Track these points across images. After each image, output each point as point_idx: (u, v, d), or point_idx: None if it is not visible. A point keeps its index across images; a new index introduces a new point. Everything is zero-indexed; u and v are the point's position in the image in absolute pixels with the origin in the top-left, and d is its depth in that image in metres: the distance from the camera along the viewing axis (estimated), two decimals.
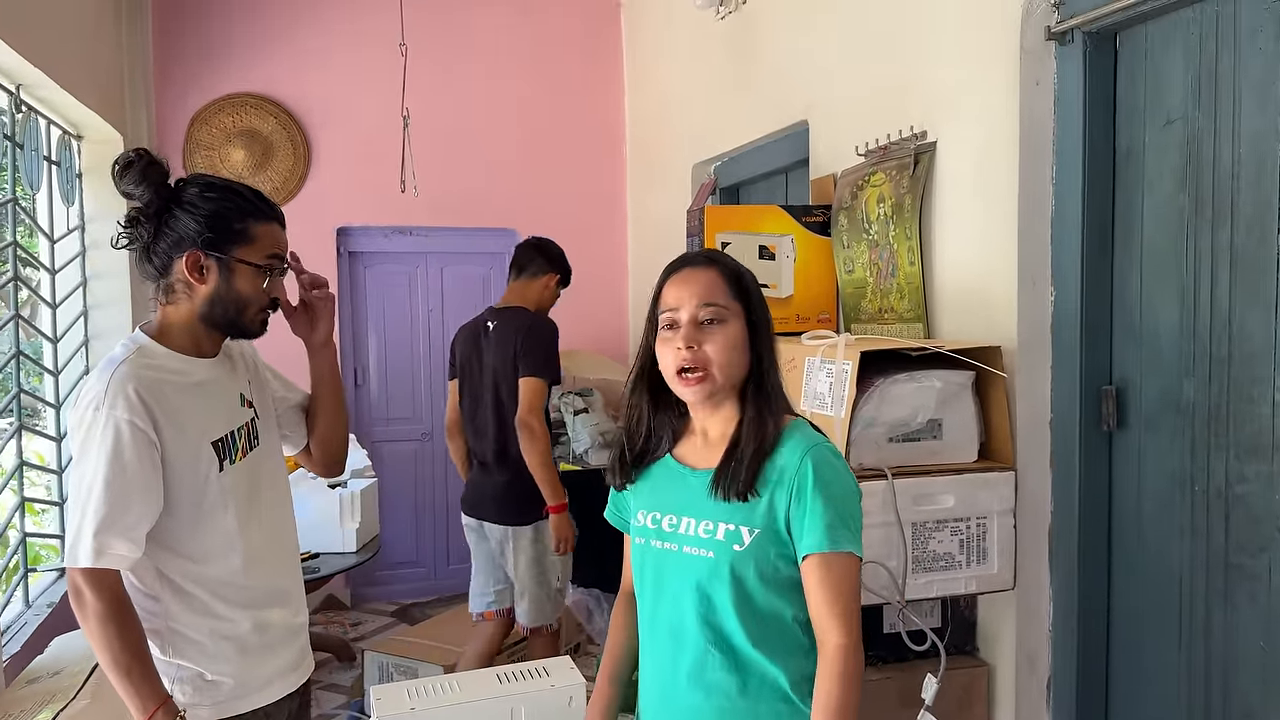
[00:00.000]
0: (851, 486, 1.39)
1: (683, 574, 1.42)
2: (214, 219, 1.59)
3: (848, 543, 1.34)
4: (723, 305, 1.40)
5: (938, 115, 2.50)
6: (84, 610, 1.51)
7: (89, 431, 1.51)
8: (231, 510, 1.64)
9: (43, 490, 3.67)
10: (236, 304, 1.63)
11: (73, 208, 3.90)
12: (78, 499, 1.51)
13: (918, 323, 2.54)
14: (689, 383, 1.38)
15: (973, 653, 2.41)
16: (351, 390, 4.94)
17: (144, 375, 1.55)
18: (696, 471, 1.45)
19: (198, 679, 1.60)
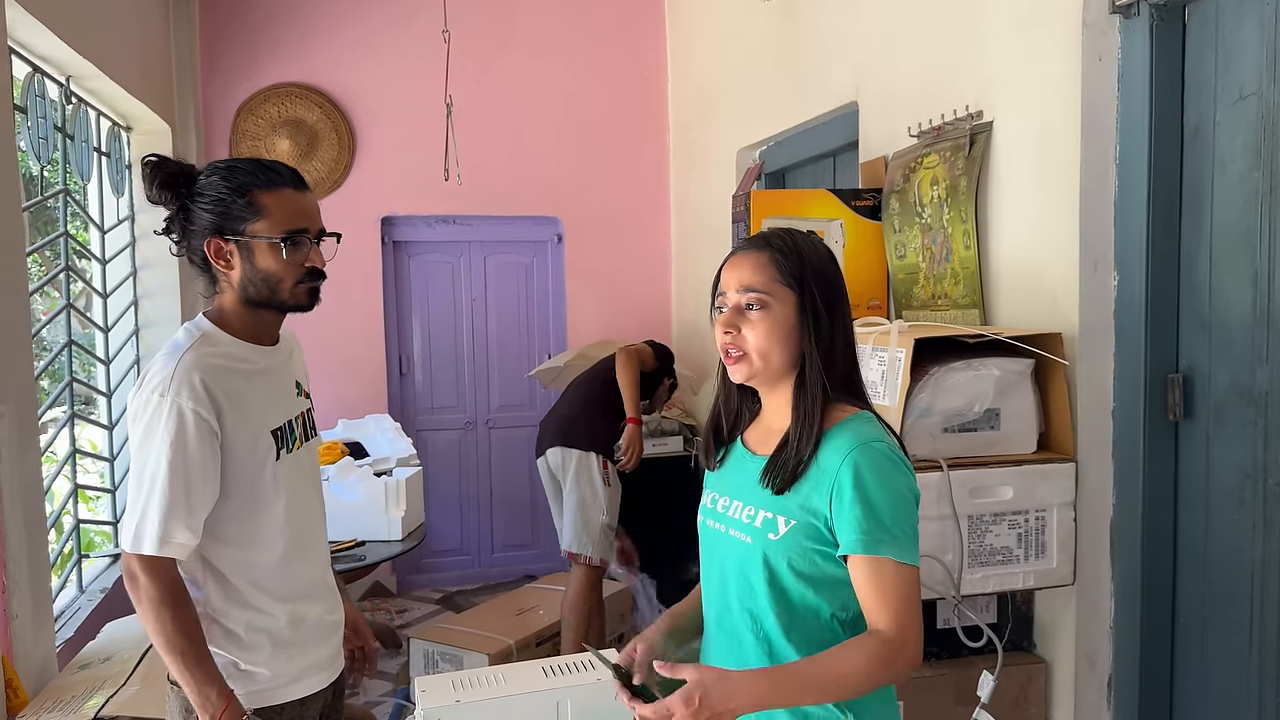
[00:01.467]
0: (898, 489, 1.31)
1: (726, 556, 1.42)
2: (218, 202, 1.57)
3: (887, 548, 1.27)
4: (764, 291, 1.35)
5: (994, 94, 2.42)
6: (139, 595, 1.51)
7: (153, 417, 1.50)
8: (282, 500, 1.64)
9: (96, 478, 3.73)
10: (267, 281, 1.59)
11: (123, 198, 3.95)
12: (140, 484, 1.51)
13: (973, 309, 2.47)
14: (730, 360, 1.38)
15: (1029, 649, 2.34)
16: (396, 379, 4.96)
17: (209, 363, 1.55)
18: (755, 457, 1.43)
19: (232, 668, 1.59)
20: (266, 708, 1.61)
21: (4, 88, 2.35)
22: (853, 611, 1.35)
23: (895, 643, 1.27)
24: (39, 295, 3.36)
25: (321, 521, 1.80)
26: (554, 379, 4.69)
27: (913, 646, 1.28)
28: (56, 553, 3.19)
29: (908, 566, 1.29)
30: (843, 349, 1.40)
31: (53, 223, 3.30)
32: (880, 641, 1.27)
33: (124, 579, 1.54)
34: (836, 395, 1.37)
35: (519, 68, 4.93)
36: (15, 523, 2.20)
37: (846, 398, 1.39)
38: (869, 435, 1.34)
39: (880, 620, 1.29)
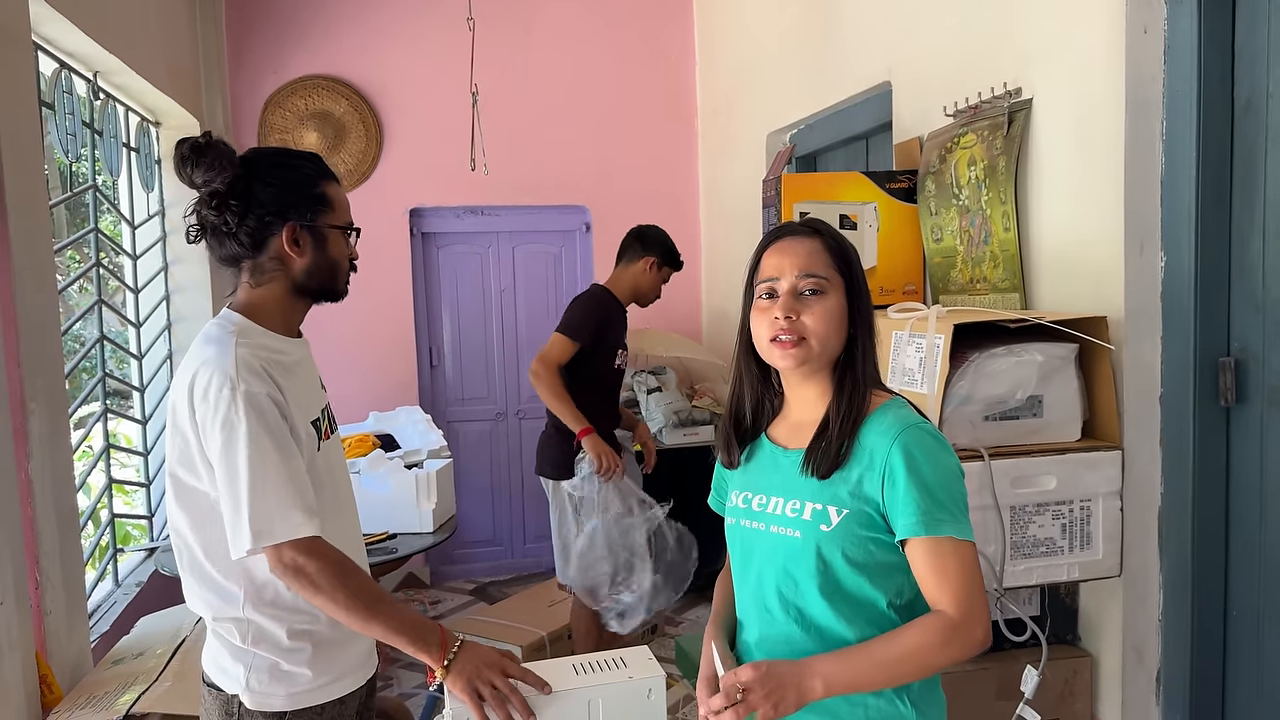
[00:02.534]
0: (950, 467, 1.30)
1: (769, 554, 1.38)
2: (298, 188, 1.58)
3: (948, 526, 1.26)
4: (824, 276, 1.35)
5: (1033, 70, 2.34)
6: (312, 580, 1.46)
7: (229, 412, 1.46)
8: (325, 492, 1.61)
9: (132, 472, 3.75)
10: (330, 271, 1.63)
11: (152, 194, 3.96)
12: (237, 482, 1.45)
13: (1013, 292, 2.40)
14: (784, 346, 1.33)
15: (1074, 642, 2.28)
16: (426, 371, 4.95)
17: (260, 354, 1.53)
18: (788, 451, 1.41)
19: (274, 668, 1.56)
20: (307, 708, 1.59)
21: (30, 84, 2.35)
22: (907, 597, 1.33)
23: (960, 622, 1.26)
24: (74, 291, 3.38)
25: (356, 514, 1.78)
26: None
27: (980, 624, 1.27)
28: (92, 547, 3.22)
29: (966, 543, 1.28)
30: (871, 337, 1.41)
31: (85, 220, 3.31)
32: (945, 621, 1.26)
33: (286, 579, 1.48)
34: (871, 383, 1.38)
35: (545, 54, 4.89)
36: (47, 519, 2.20)
37: (877, 386, 1.40)
38: (911, 418, 1.34)
39: (943, 600, 1.27)
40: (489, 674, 1.49)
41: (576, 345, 3.30)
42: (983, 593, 1.28)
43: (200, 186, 1.54)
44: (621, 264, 3.54)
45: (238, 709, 1.56)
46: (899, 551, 1.31)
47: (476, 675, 1.48)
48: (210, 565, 1.56)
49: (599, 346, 3.36)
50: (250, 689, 1.55)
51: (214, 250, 1.59)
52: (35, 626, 2.16)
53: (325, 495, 1.61)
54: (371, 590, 1.52)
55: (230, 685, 1.57)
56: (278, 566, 1.48)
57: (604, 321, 3.37)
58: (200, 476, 1.53)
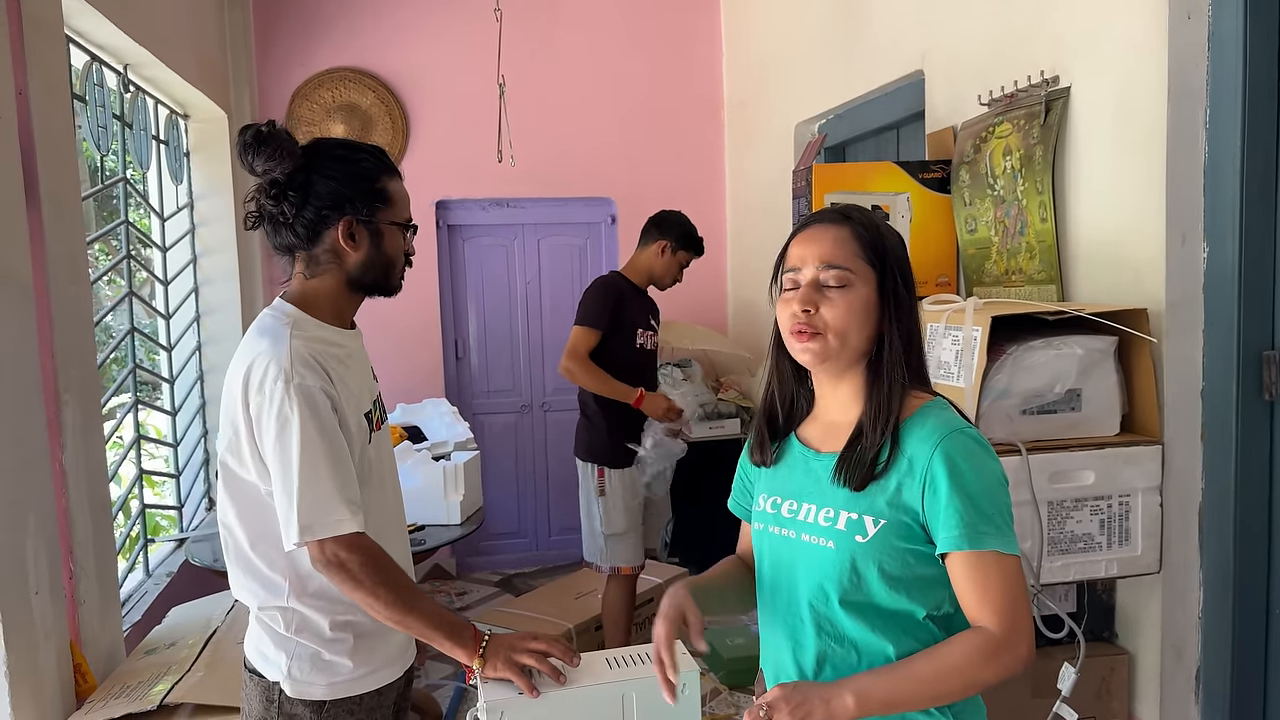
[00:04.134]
0: (995, 475, 1.23)
1: (800, 564, 1.31)
2: (357, 182, 1.57)
3: (992, 540, 1.19)
4: (847, 268, 1.27)
5: (1071, 58, 2.29)
6: (353, 575, 1.47)
7: (283, 404, 1.47)
8: (373, 482, 1.62)
9: (161, 463, 3.78)
10: (385, 266, 1.62)
11: (181, 186, 3.98)
12: (290, 474, 1.46)
13: (1050, 284, 2.36)
14: (801, 338, 1.27)
15: (1111, 639, 2.24)
16: (452, 363, 4.96)
17: (313, 347, 1.53)
18: (820, 455, 1.34)
19: (316, 658, 1.57)
20: (347, 699, 1.59)
21: (63, 76, 2.35)
22: (946, 609, 1.26)
23: (1004, 639, 1.19)
24: (105, 284, 3.40)
25: (401, 504, 1.78)
26: None
27: (1025, 642, 1.20)
28: (123, 537, 3.24)
29: (1011, 557, 1.21)
30: (917, 335, 1.33)
31: (115, 212, 3.32)
32: (987, 638, 1.19)
33: (328, 573, 1.49)
34: (912, 382, 1.30)
35: (571, 46, 4.87)
36: (81, 509, 2.22)
37: (918, 386, 1.32)
38: (955, 422, 1.26)
39: (985, 617, 1.20)
40: (522, 644, 1.49)
41: (597, 331, 3.32)
42: (1027, 609, 1.21)
43: (260, 174, 1.53)
44: (639, 247, 3.57)
45: (278, 696, 1.57)
46: (939, 564, 1.23)
47: (512, 650, 1.48)
48: (255, 555, 1.56)
49: (618, 329, 3.38)
50: (291, 677, 1.56)
51: (270, 238, 1.60)
52: (69, 616, 2.17)
53: (373, 486, 1.62)
54: (409, 587, 1.52)
55: (272, 673, 1.57)
56: (319, 560, 1.49)
57: (617, 302, 3.38)
58: (248, 467, 1.53)
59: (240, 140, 1.52)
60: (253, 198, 1.57)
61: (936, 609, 1.26)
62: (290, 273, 1.62)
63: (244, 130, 1.52)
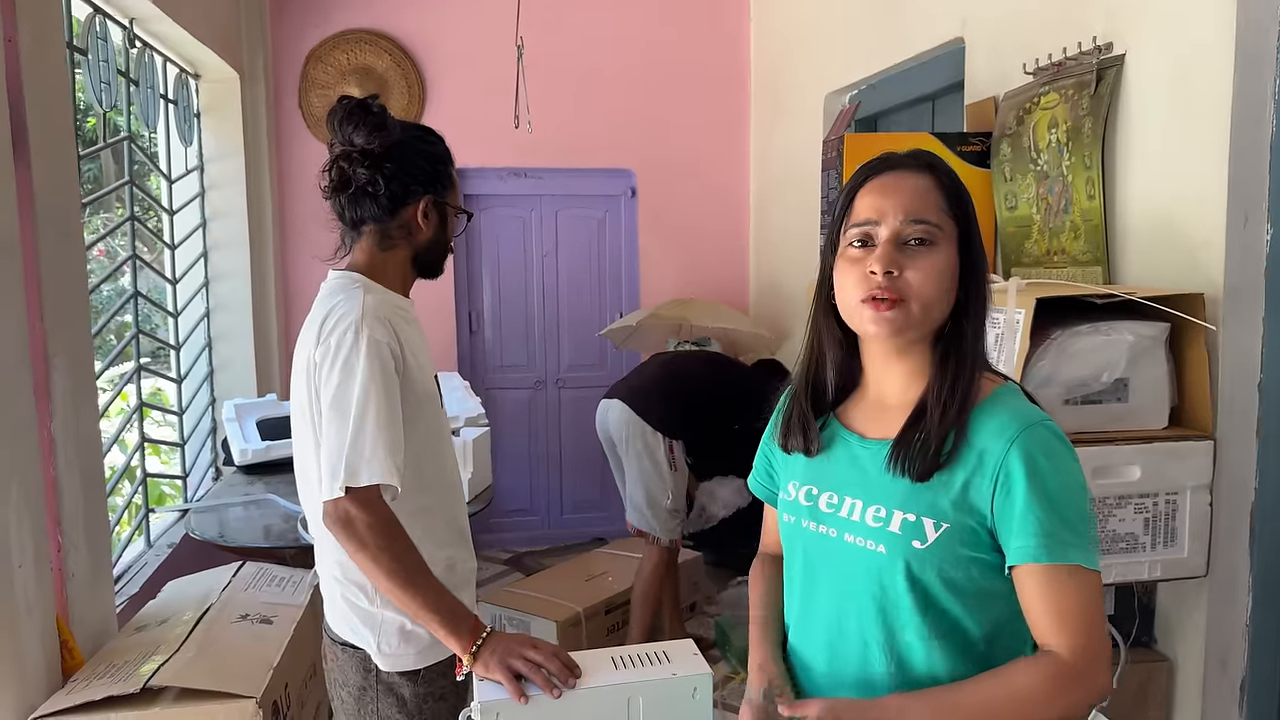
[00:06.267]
0: (1078, 477, 1.07)
1: (844, 569, 1.15)
2: (438, 164, 1.64)
3: (1075, 553, 1.03)
4: (935, 224, 1.09)
5: (1126, 23, 2.14)
6: (359, 535, 1.43)
7: (351, 352, 1.47)
8: (449, 443, 1.69)
9: (169, 431, 3.70)
10: (442, 248, 1.69)
11: (191, 148, 3.87)
12: (344, 422, 1.45)
13: (1095, 266, 2.21)
14: (879, 308, 1.07)
15: (1150, 645, 2.12)
16: (466, 337, 4.85)
17: (385, 307, 1.55)
18: (867, 441, 1.17)
19: (401, 628, 1.57)
20: (437, 663, 1.59)
21: (58, 25, 2.24)
22: (999, 626, 1.11)
23: (1080, 669, 1.03)
24: (120, 248, 3.31)
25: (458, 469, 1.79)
26: (626, 339, 4.53)
27: (1103, 673, 1.05)
28: (124, 506, 3.17)
29: (1093, 573, 1.05)
30: (984, 304, 1.15)
31: (122, 173, 3.22)
32: (1061, 666, 1.03)
33: (335, 529, 1.46)
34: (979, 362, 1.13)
35: (593, 11, 4.71)
36: (71, 479, 2.12)
37: (985, 366, 1.16)
38: (1033, 414, 1.09)
39: (1059, 641, 1.05)
40: (519, 649, 1.41)
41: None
42: (1106, 634, 1.06)
43: (354, 145, 1.57)
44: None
45: (374, 668, 1.58)
46: (1003, 576, 1.08)
47: (507, 653, 1.41)
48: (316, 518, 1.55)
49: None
50: (382, 653, 1.57)
51: (343, 208, 1.62)
52: (57, 590, 2.09)
53: (449, 447, 1.68)
54: (416, 561, 1.48)
55: (364, 645, 1.59)
56: (329, 515, 1.45)
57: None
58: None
59: (341, 108, 1.57)
60: (335, 166, 1.60)
61: (992, 624, 1.11)
62: (349, 246, 1.66)
63: (345, 100, 1.58)
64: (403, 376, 1.53)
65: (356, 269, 1.62)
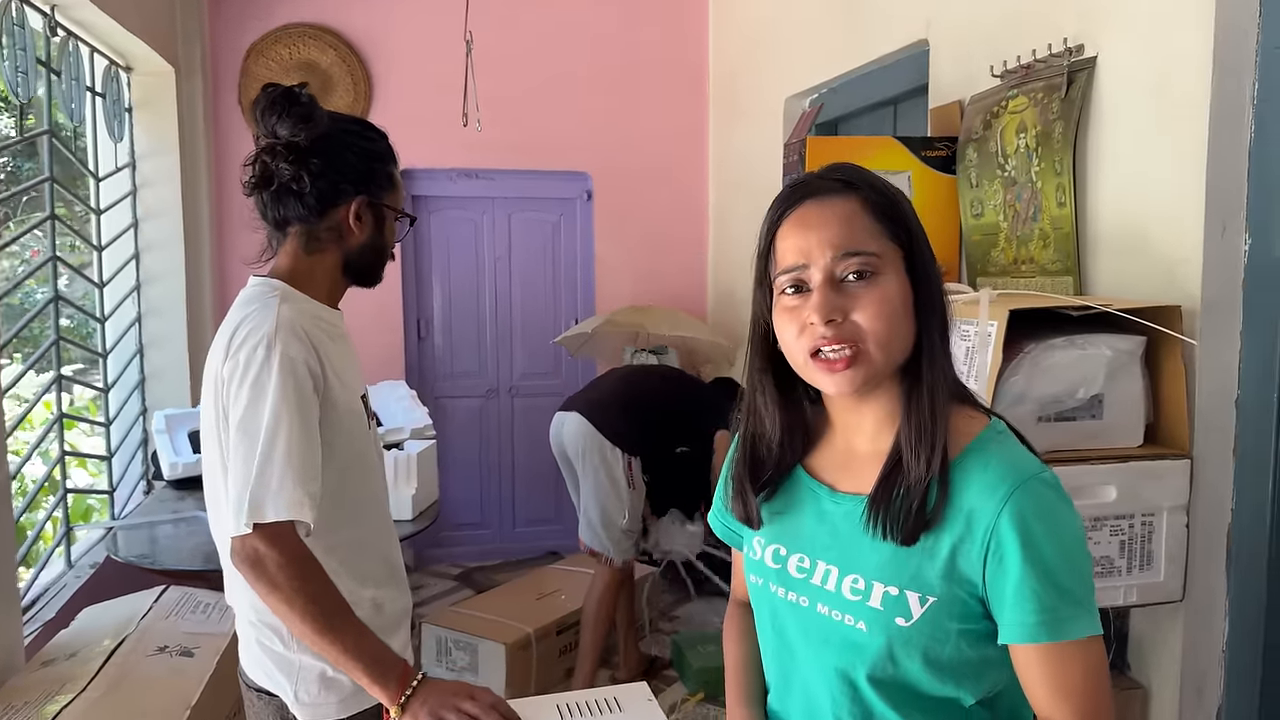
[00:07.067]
0: (1076, 536, 0.95)
1: (817, 641, 1.03)
2: (375, 162, 1.52)
3: (1076, 626, 0.92)
4: (872, 253, 0.95)
5: (1098, 24, 2.06)
6: (269, 575, 1.29)
7: (261, 371, 1.34)
8: (378, 470, 1.56)
9: (99, 442, 3.50)
10: (378, 254, 1.55)
11: (121, 144, 3.67)
12: (252, 449, 1.32)
13: (1065, 276, 2.13)
14: (835, 366, 0.95)
15: (1124, 671, 2.03)
16: (414, 343, 4.68)
17: (304, 319, 1.42)
18: (838, 496, 1.03)
19: (322, 675, 1.43)
20: (361, 712, 1.45)
21: None
22: (996, 691, 1.00)
23: None
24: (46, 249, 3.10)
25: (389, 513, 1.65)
26: (581, 346, 4.40)
27: None
28: (40, 524, 2.97)
29: (1095, 640, 0.93)
30: (946, 326, 1.01)
31: (41, 172, 3.02)
32: None
33: (243, 569, 1.32)
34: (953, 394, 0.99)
35: (547, 9, 4.58)
36: None
37: (961, 398, 1.02)
38: (1025, 464, 0.96)
39: (1061, 716, 0.93)
40: (453, 699, 1.28)
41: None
42: (1111, 702, 0.94)
43: (279, 137, 1.43)
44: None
45: (293, 717, 1.45)
46: (997, 645, 0.96)
47: (440, 703, 1.28)
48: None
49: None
50: (300, 701, 1.44)
51: (267, 207, 1.49)
52: None
53: (378, 475, 1.55)
54: (336, 602, 1.33)
55: (280, 693, 1.46)
56: (236, 554, 1.30)
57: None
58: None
59: (265, 97, 1.43)
60: (259, 161, 1.46)
61: (988, 691, 1.00)
62: (275, 249, 1.52)
63: (269, 88, 1.44)
64: (322, 397, 1.40)
65: (278, 275, 1.49)
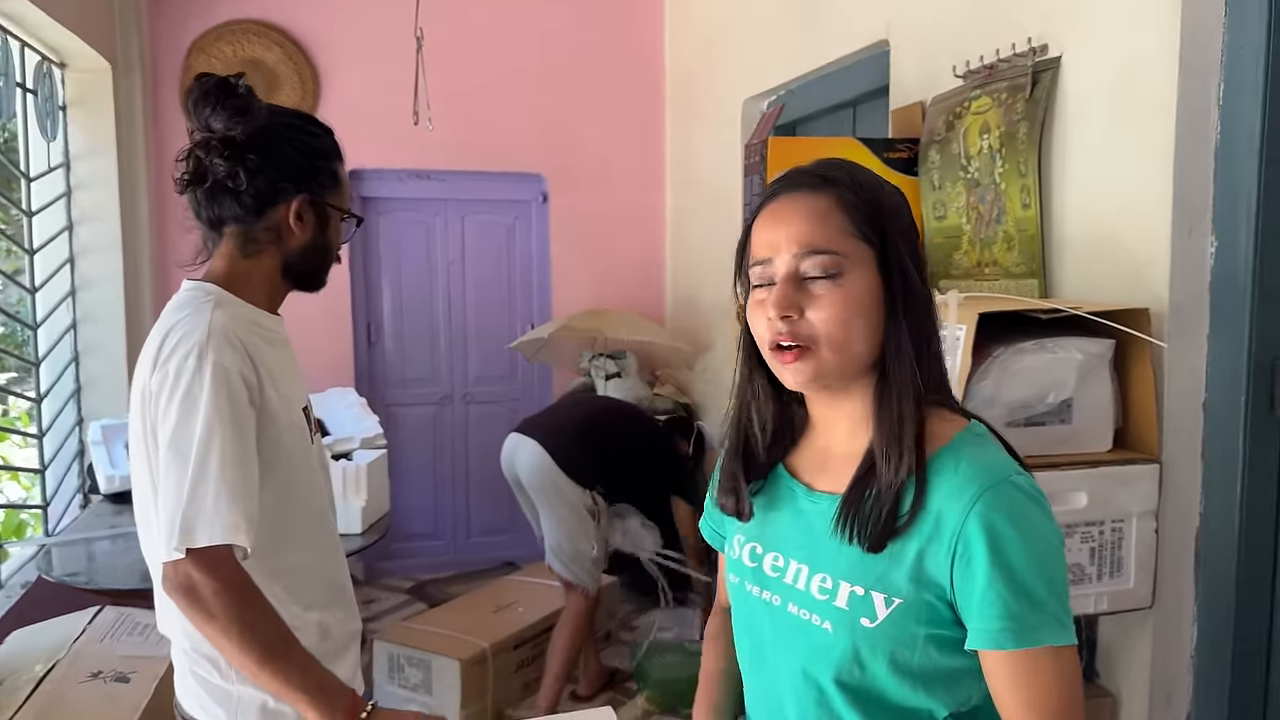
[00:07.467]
0: (1049, 542, 0.92)
1: (787, 642, 1.01)
2: (318, 159, 1.43)
3: (1044, 634, 0.89)
4: (837, 252, 0.94)
5: (1063, 24, 2.04)
6: (204, 604, 1.21)
7: (193, 383, 1.26)
8: (322, 486, 1.48)
9: (33, 455, 3.34)
10: (322, 256, 1.47)
11: (55, 143, 3.52)
12: (184, 468, 1.23)
13: (1030, 278, 2.11)
14: (786, 359, 0.96)
15: (1093, 679, 2.01)
16: (364, 349, 4.56)
17: (240, 325, 1.34)
18: (815, 495, 1.02)
19: (262, 708, 1.34)
20: None
21: None
22: (974, 703, 0.97)
23: None
24: None
25: (336, 531, 1.56)
26: (538, 351, 4.32)
27: None
28: None
29: (1067, 650, 0.90)
30: (934, 331, 1.00)
31: None
32: None
33: (176, 597, 1.23)
34: (934, 398, 0.97)
35: (500, 7, 4.49)
36: None
37: (942, 401, 1.00)
38: (999, 466, 0.94)
39: None
40: None
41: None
42: (1081, 710, 0.91)
43: (212, 130, 1.35)
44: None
45: None
46: (969, 653, 0.94)
47: None
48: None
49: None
50: None
51: (200, 206, 1.40)
52: None
53: (324, 493, 1.47)
54: (277, 630, 1.25)
55: None
56: (168, 581, 1.22)
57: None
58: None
59: (198, 88, 1.34)
60: (192, 156, 1.37)
61: (963, 704, 0.97)
62: (210, 251, 1.43)
63: (202, 78, 1.35)
64: (259, 410, 1.31)
65: (213, 278, 1.40)
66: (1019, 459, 0.99)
